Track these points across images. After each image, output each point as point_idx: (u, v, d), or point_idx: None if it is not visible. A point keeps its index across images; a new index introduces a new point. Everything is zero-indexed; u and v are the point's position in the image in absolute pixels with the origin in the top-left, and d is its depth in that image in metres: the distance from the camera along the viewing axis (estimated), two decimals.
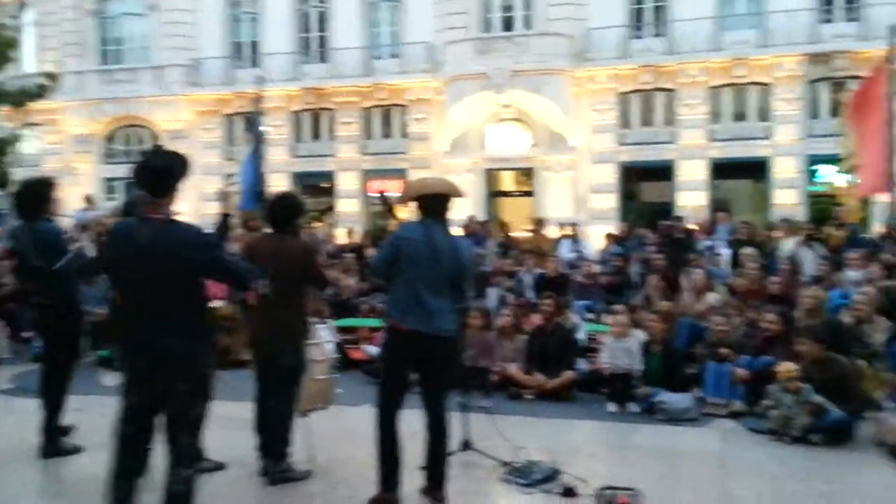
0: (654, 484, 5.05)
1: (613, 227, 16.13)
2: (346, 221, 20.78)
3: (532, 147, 22.45)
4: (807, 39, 19.99)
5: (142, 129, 24.84)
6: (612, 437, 6.26)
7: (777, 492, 4.99)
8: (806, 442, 5.91)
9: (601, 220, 20.34)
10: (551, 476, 4.83)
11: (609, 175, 22.12)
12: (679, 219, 15.36)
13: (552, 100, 21.32)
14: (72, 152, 24.88)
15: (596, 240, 16.03)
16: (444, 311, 4.37)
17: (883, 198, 15.25)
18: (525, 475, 4.88)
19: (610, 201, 22.09)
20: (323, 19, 23.82)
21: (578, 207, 21.79)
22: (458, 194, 4.60)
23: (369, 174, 23.29)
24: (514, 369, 7.72)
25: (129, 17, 25.11)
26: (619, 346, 7.46)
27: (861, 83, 15.25)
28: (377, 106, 23.38)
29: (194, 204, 20.05)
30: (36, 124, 23.29)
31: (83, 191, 20.49)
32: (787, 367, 6.19)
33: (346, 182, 23.61)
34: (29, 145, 22.50)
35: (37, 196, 5.49)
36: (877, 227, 16.28)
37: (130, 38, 25.09)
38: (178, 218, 3.71)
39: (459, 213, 18.20)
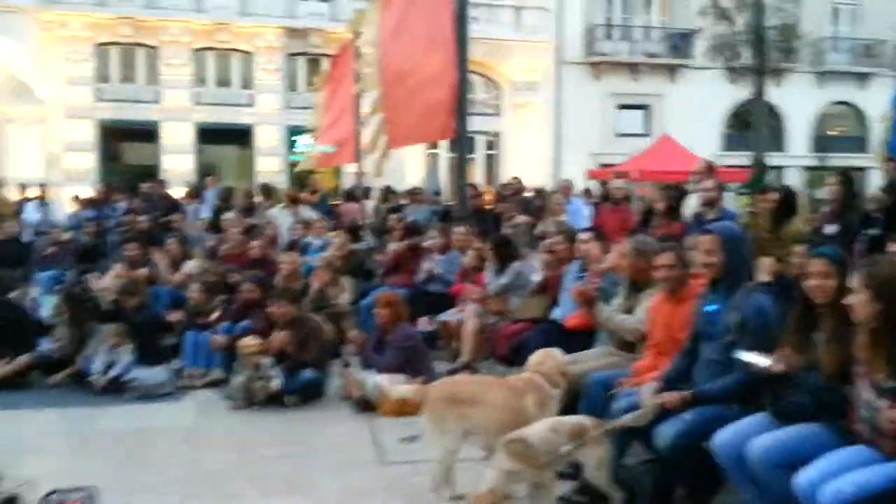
0: (117, 470, 4.60)
1: (91, 190, 14.75)
2: None
3: None
4: (284, 13, 20.82)
5: None
6: (72, 426, 5.56)
7: (248, 458, 4.92)
8: (281, 404, 6.00)
9: (77, 181, 18.52)
10: None
11: (86, 133, 20.23)
12: (161, 182, 14.75)
13: (14, 42, 18.55)
14: None
15: (72, 204, 14.52)
16: None
17: (352, 167, 16.82)
18: None
19: (87, 161, 20.24)
20: None
21: (50, 167, 19.51)
22: None
23: None
24: None
25: None
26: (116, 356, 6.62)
27: (331, 61, 16.45)
28: None
29: None
30: None
31: None
32: (246, 342, 6.16)
33: None
34: None
35: None
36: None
37: None
38: None
39: None
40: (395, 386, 4.99)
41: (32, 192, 13.65)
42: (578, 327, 5.48)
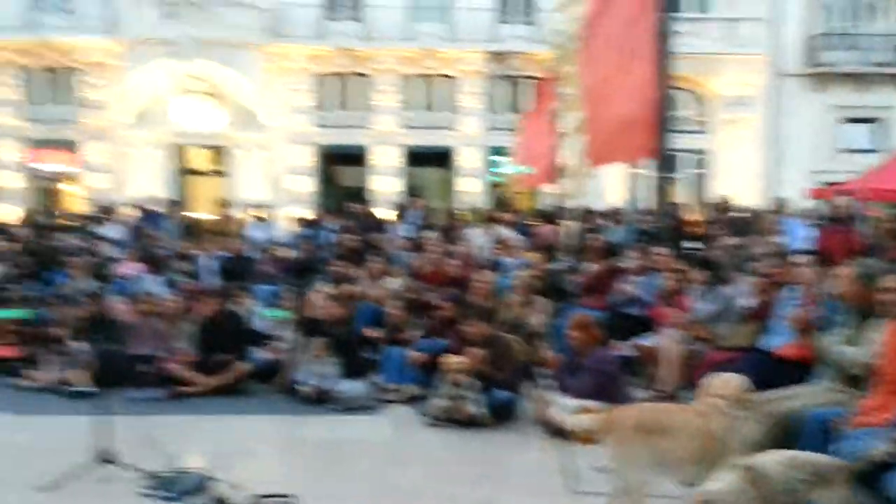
0: (316, 479, 4.78)
1: (310, 211, 15.84)
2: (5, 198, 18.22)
3: (227, 124, 21.35)
4: (487, 38, 21.22)
5: None
6: (279, 433, 5.89)
7: (439, 476, 4.93)
8: (474, 424, 5.99)
9: (298, 203, 19.95)
10: (200, 486, 4.31)
11: (306, 157, 21.77)
12: (366, 203, 15.52)
13: (243, 74, 20.41)
14: None
15: (292, 224, 15.64)
16: None
17: (549, 188, 16.73)
18: (170, 488, 4.30)
19: (307, 184, 21.75)
20: None
21: (274, 189, 21.17)
22: None
23: (33, 143, 20.64)
24: (175, 364, 7.00)
25: None
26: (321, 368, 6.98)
27: (538, 84, 16.50)
28: (44, 68, 20.73)
29: None
30: None
31: None
32: (454, 360, 6.18)
33: None
34: None
35: None
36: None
37: None
38: None
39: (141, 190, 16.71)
40: (578, 418, 4.78)
41: (256, 212, 14.79)
42: (794, 358, 5.00)
